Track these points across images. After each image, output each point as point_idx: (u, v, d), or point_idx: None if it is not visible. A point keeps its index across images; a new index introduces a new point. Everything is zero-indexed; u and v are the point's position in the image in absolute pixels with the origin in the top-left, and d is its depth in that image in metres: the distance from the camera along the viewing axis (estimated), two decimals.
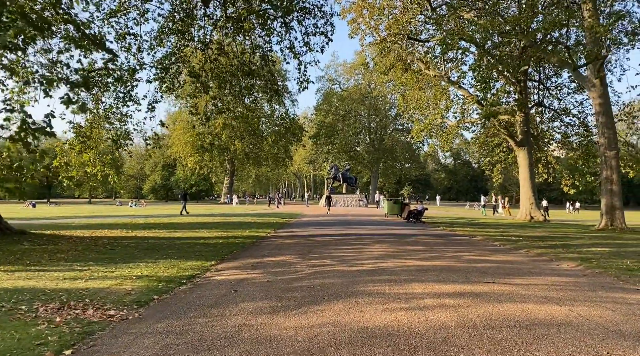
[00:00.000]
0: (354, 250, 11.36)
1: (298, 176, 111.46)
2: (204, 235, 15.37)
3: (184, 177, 76.02)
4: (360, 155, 72.64)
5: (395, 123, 72.28)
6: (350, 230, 18.08)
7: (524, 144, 29.48)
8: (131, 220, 23.52)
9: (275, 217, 27.61)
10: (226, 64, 20.12)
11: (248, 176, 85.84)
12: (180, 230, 17.43)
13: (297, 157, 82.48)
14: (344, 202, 48.51)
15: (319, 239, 14.30)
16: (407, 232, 17.18)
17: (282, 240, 14.22)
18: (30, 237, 13.33)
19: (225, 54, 19.66)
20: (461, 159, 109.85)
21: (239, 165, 67.18)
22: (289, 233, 16.61)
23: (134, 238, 13.97)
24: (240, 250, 11.42)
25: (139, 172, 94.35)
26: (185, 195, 35.09)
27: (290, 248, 11.75)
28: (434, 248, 11.87)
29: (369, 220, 25.58)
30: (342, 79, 72.54)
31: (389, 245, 12.57)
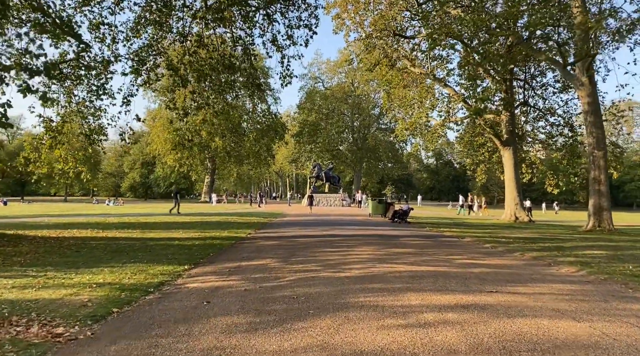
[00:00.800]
0: (339, 253, 10.63)
1: (280, 175, 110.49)
2: (180, 235, 14.47)
3: (164, 175, 74.47)
4: (343, 154, 72.07)
5: (378, 123, 71.89)
6: (334, 230, 17.36)
7: (510, 144, 29.17)
8: (105, 219, 22.42)
9: (256, 216, 26.77)
10: (206, 57, 19.24)
11: (229, 174, 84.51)
12: (155, 230, 16.49)
13: (279, 155, 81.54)
14: (326, 201, 47.84)
15: (302, 240, 13.54)
16: (394, 233, 16.54)
17: (263, 241, 13.42)
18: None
19: (205, 46, 18.76)
20: (443, 159, 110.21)
21: (220, 163, 65.96)
22: (271, 234, 15.82)
23: (103, 239, 13.02)
24: (217, 253, 10.59)
25: (118, 170, 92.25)
26: (177, 193, 34.19)
27: (271, 251, 10.97)
28: (424, 251, 11.21)
29: (353, 220, 24.91)
30: (325, 77, 71.98)
31: (377, 247, 11.88)
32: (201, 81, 19.53)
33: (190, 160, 63.29)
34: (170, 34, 19.20)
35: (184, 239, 13.39)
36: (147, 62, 18.77)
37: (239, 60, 19.50)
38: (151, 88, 19.17)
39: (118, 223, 19.71)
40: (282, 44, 18.48)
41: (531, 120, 33.12)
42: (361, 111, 69.16)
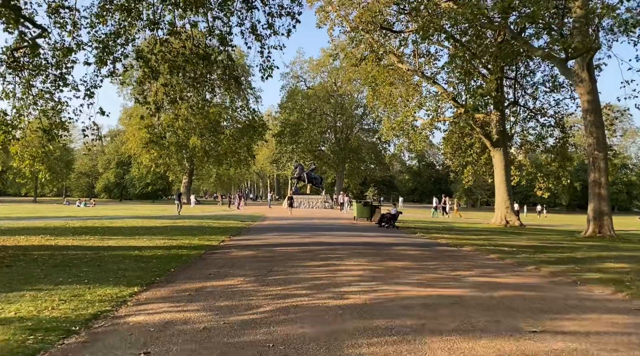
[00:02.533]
0: (327, 268, 8.98)
1: (261, 176, 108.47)
2: (142, 243, 12.65)
3: (139, 176, 71.82)
4: (325, 155, 70.53)
5: (361, 123, 70.51)
6: (318, 237, 15.72)
7: (500, 145, 27.95)
8: (66, 223, 20.39)
9: (234, 219, 24.96)
10: (179, 47, 17.44)
11: (209, 175, 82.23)
12: (116, 236, 14.62)
13: (260, 156, 79.62)
14: (308, 203, 46.18)
15: (282, 250, 11.86)
16: (385, 241, 14.97)
17: (238, 251, 11.70)
18: None
19: (178, 34, 16.94)
20: (425, 161, 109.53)
21: (198, 163, 63.75)
22: (247, 242, 14.09)
23: (50, 248, 11.15)
24: (180, 268, 8.85)
25: (92, 170, 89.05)
26: (179, 195, 34.56)
27: (245, 265, 9.27)
28: (425, 265, 9.65)
29: (337, 224, 23.32)
30: (307, 76, 70.23)
31: (370, 259, 10.27)
32: (174, 73, 17.68)
33: (166, 160, 61.00)
34: (140, 21, 17.33)
35: (145, 248, 11.58)
36: (114, 51, 16.89)
37: (216, 52, 17.69)
38: (119, 80, 17.21)
39: (79, 227, 17.76)
40: (263, 34, 16.78)
41: (520, 121, 31.98)
42: (344, 111, 67.67)
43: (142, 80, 17.70)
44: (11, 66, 16.98)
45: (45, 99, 17.70)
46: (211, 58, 17.59)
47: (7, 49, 16.99)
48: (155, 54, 17.20)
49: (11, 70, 17.15)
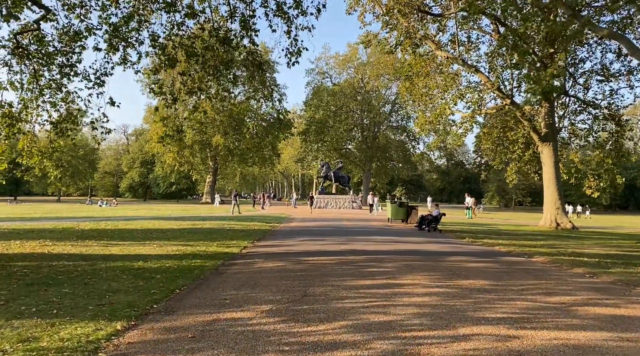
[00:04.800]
0: (378, 291, 6.85)
1: (286, 175, 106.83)
2: (151, 251, 10.77)
3: (163, 175, 70.89)
4: (352, 154, 68.29)
5: (389, 120, 67.96)
6: (354, 243, 13.60)
7: (549, 139, 25.31)
8: (77, 224, 18.77)
9: (258, 221, 23.00)
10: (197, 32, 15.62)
11: (233, 174, 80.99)
12: (124, 241, 12.79)
13: (285, 155, 77.90)
14: (335, 203, 44.07)
15: (315, 261, 9.78)
16: (434, 248, 12.75)
17: (262, 261, 9.68)
18: None
19: (195, 16, 15.06)
20: (454, 159, 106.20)
21: (222, 162, 62.31)
22: (273, 249, 12.07)
23: (40, 258, 9.33)
24: (188, 287, 6.86)
25: (116, 169, 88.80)
26: (236, 195, 34.62)
27: (271, 284, 7.21)
28: (504, 285, 7.42)
29: (370, 227, 21.14)
30: (333, 72, 67.98)
31: (429, 276, 8.09)
32: (192, 61, 15.75)
33: (190, 159, 59.79)
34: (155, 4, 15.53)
35: (152, 258, 9.67)
36: (127, 36, 15.14)
37: (237, 37, 15.67)
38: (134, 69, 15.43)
39: (87, 230, 16.06)
40: (290, 14, 14.77)
41: (570, 114, 29.16)
42: (371, 108, 65.20)
43: (157, 68, 15.96)
44: (16, 53, 15.43)
45: (54, 89, 16.12)
46: (232, 42, 15.59)
47: (11, 32, 15.47)
48: (172, 40, 15.47)
49: (17, 58, 15.62)
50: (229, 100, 21.54)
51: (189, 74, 15.83)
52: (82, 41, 15.48)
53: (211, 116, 53.80)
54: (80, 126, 19.25)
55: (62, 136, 16.53)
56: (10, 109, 15.40)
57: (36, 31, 15.32)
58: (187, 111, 30.00)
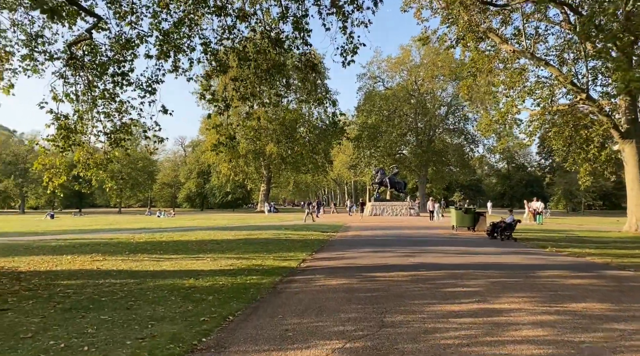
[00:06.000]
0: (473, 319, 5.56)
1: (338, 183, 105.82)
2: (204, 266, 9.96)
3: (219, 185, 71.72)
4: (406, 159, 66.34)
5: (445, 123, 65.54)
6: (424, 255, 12.27)
7: (631, 136, 22.82)
8: (133, 236, 18.50)
9: (314, 230, 22.00)
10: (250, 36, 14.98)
11: (287, 183, 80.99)
12: (176, 255, 12.11)
13: (337, 161, 76.94)
14: (391, 210, 42.46)
15: (386, 278, 8.58)
16: (517, 260, 11.22)
17: (324, 278, 8.59)
18: None
19: (246, 18, 14.37)
20: (515, 162, 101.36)
21: (275, 170, 62.20)
22: (334, 262, 10.97)
23: (87, 275, 8.70)
24: (243, 312, 5.87)
25: (174, 180, 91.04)
26: (309, 204, 35.25)
27: (340, 308, 6.09)
28: (634, 312, 5.94)
29: (434, 235, 19.62)
30: (385, 76, 66.41)
31: (529, 297, 6.70)
32: (244, 66, 15.03)
33: (244, 168, 60.10)
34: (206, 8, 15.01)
35: (205, 274, 8.83)
36: (178, 43, 14.72)
37: (290, 38, 14.79)
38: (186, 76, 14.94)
39: (142, 243, 15.62)
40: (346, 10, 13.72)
41: None
42: (426, 111, 63.11)
43: (209, 74, 15.42)
44: (70, 64, 15.33)
45: (107, 100, 15.91)
46: (284, 44, 14.72)
47: (65, 43, 15.41)
48: (223, 45, 14.90)
49: (72, 70, 15.53)
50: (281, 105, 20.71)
51: (241, 79, 15.11)
52: (133, 49, 15.20)
53: (264, 125, 53.82)
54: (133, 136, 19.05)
55: (117, 146, 16.30)
56: (66, 121, 15.27)
57: (88, 40, 15.16)
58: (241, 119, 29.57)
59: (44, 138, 15.52)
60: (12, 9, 14.57)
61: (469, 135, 63.93)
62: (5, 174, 70.75)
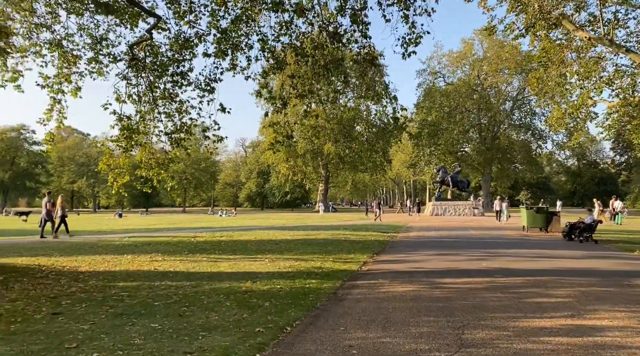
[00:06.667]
0: (569, 339, 4.68)
1: (397, 182, 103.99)
2: (261, 267, 9.58)
3: (278, 184, 72.40)
4: (469, 156, 63.91)
5: (510, 119, 62.51)
6: (494, 258, 11.30)
7: None
8: (195, 235, 18.61)
9: (374, 230, 21.27)
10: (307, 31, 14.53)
11: (345, 182, 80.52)
12: (235, 255, 11.85)
13: (396, 160, 75.44)
14: (454, 209, 40.86)
15: (456, 285, 7.79)
16: (604, 265, 10.02)
17: (388, 284, 7.93)
18: None
19: (304, 13, 13.94)
20: (586, 159, 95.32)
21: (333, 170, 61.81)
22: (398, 266, 10.26)
23: (144, 276, 8.53)
24: (302, 321, 5.34)
25: (235, 180, 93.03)
26: (379, 203, 35.24)
27: (408, 320, 5.43)
28: None
29: (504, 237, 18.36)
30: (446, 71, 64.25)
31: (632, 312, 5.73)
32: (301, 62, 14.60)
33: (302, 168, 60.19)
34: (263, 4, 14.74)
35: (263, 276, 8.43)
36: (236, 41, 14.57)
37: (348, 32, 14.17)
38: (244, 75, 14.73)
39: (202, 243, 15.58)
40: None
41: None
42: (489, 106, 60.45)
43: (266, 72, 15.13)
44: (132, 65, 15.57)
45: (167, 100, 16.04)
46: (343, 38, 14.10)
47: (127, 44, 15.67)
48: (280, 41, 14.56)
49: (134, 71, 15.78)
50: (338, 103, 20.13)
51: (298, 77, 14.68)
52: (192, 48, 15.20)
53: (322, 124, 53.57)
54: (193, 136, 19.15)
55: (178, 146, 16.40)
56: (129, 122, 15.49)
57: (149, 41, 15.32)
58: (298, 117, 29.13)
59: (108, 139, 15.85)
60: (78, 13, 14.94)
61: (537, 131, 60.72)
62: (79, 175, 75.06)
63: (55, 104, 14.87)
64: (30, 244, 14.90)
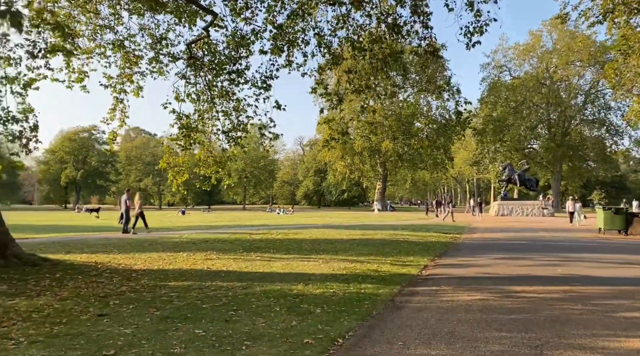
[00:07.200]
0: None
1: (459, 180, 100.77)
2: (315, 268, 9.16)
3: (335, 182, 72.10)
4: (537, 154, 60.64)
5: (583, 114, 58.68)
6: (571, 264, 10.26)
7: None
8: (250, 232, 18.57)
9: (434, 231, 20.33)
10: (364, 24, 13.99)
11: (403, 180, 78.98)
12: (288, 254, 11.52)
13: (458, 158, 72.93)
14: (521, 209, 38.81)
15: (529, 294, 6.97)
16: None
17: (452, 291, 7.25)
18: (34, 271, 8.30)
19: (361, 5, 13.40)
20: None
21: (392, 168, 60.59)
22: (460, 271, 9.50)
23: (196, 276, 8.33)
24: (355, 335, 4.80)
25: (293, 178, 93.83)
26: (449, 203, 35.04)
27: (475, 338, 4.74)
28: None
29: (579, 240, 16.94)
30: (512, 64, 61.19)
31: None
32: (358, 56, 14.07)
33: (360, 166, 59.42)
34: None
35: (316, 278, 8.00)
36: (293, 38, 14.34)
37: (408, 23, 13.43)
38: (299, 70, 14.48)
39: (257, 240, 15.43)
40: None
41: None
42: (559, 101, 57.02)
43: (322, 68, 14.75)
44: (190, 64, 15.71)
45: (225, 98, 16.07)
46: (402, 29, 13.38)
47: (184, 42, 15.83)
48: (337, 36, 14.13)
49: (193, 70, 15.92)
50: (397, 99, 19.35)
51: (355, 71, 14.14)
52: (248, 46, 15.09)
53: (379, 120, 52.62)
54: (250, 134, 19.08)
55: (235, 145, 16.39)
56: (188, 120, 15.62)
57: (206, 38, 15.35)
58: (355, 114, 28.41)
59: (168, 138, 16.07)
60: (140, 14, 15.22)
61: (612, 127, 56.66)
62: (145, 174, 78.42)
63: (117, 104, 15.23)
64: (94, 240, 15.35)
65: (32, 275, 7.72)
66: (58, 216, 42.56)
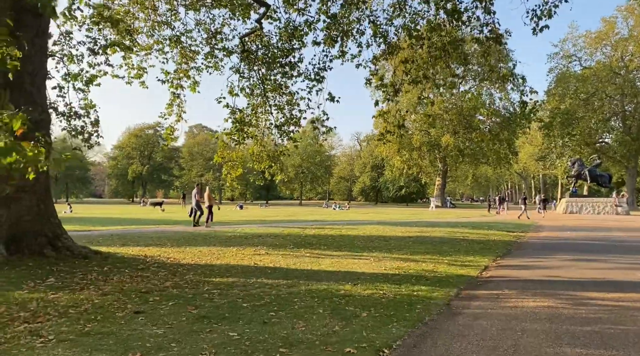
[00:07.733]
0: None
1: (523, 176, 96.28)
2: (365, 267, 8.67)
3: (392, 178, 70.83)
4: (610, 148, 56.62)
5: None
6: None
7: None
8: (303, 228, 18.33)
9: (496, 229, 19.18)
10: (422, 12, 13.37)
11: (464, 176, 76.50)
12: (339, 251, 11.08)
13: (522, 153, 69.52)
14: (592, 207, 36.34)
15: (606, 301, 6.13)
16: None
17: (517, 296, 6.52)
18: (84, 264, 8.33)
19: None
20: None
21: (452, 163, 58.61)
22: (525, 273, 8.67)
23: (241, 272, 8.07)
24: (403, 346, 4.29)
25: (349, 174, 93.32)
26: (525, 199, 32.69)
27: (545, 354, 4.15)
28: None
29: None
30: (583, 54, 57.31)
31: None
32: (416, 46, 13.42)
33: (418, 161, 57.94)
34: None
35: (365, 278, 7.53)
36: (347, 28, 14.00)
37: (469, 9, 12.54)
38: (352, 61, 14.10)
39: (309, 236, 15.14)
40: None
41: None
42: (636, 92, 52.83)
43: (376, 58, 14.24)
44: (244, 58, 15.64)
45: (277, 92, 15.91)
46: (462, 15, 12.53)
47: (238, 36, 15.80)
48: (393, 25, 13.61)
49: (246, 64, 15.85)
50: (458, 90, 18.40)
51: (412, 61, 13.44)
52: (301, 37, 14.82)
53: (439, 114, 50.98)
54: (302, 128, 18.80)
55: (288, 139, 16.24)
56: (241, 115, 15.58)
57: (259, 31, 15.21)
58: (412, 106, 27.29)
59: (222, 132, 16.09)
60: (196, 9, 15.30)
61: None
62: (207, 169, 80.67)
63: (175, 99, 15.40)
64: (151, 233, 15.62)
65: (80, 268, 7.74)
66: (125, 209, 44.41)
